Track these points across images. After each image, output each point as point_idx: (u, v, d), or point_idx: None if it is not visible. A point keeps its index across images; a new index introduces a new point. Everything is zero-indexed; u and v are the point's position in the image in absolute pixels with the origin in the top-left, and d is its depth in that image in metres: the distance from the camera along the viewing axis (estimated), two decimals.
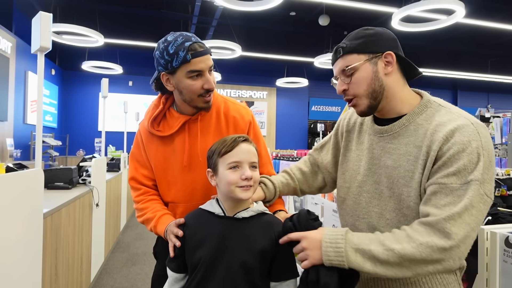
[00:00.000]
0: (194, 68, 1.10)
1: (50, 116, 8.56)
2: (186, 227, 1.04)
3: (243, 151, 0.99)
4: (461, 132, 0.82)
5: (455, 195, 0.79)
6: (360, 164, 1.02)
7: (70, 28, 5.69)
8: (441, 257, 0.77)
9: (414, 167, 0.87)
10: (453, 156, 0.80)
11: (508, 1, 7.05)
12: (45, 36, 1.77)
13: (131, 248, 4.27)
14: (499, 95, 13.73)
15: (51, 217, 1.98)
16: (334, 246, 0.83)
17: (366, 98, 0.94)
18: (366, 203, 0.97)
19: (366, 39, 0.94)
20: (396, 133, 0.93)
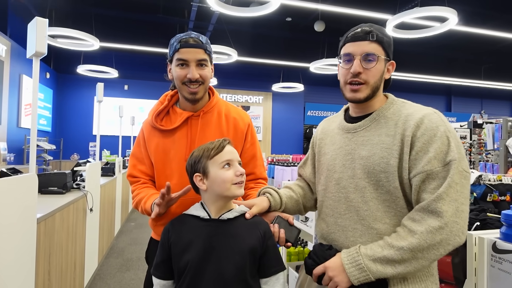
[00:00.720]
0: (181, 56, 1.22)
1: (44, 119, 8.51)
2: (171, 232, 1.05)
3: (230, 151, 1.05)
4: (429, 119, 0.94)
5: (440, 177, 0.88)
6: (335, 163, 1.08)
7: (66, 32, 5.69)
8: (443, 237, 0.85)
9: (388, 154, 0.96)
10: (428, 142, 0.91)
11: (500, 9, 7.17)
12: (40, 42, 1.78)
13: (125, 253, 4.25)
14: (492, 101, 13.91)
15: (45, 222, 1.98)
16: (355, 264, 0.90)
17: (370, 89, 1.01)
18: (345, 199, 1.03)
19: (390, 41, 1.03)
20: (369, 127, 1.03)
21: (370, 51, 0.99)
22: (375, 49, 0.99)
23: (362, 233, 0.98)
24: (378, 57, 0.99)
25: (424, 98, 13.05)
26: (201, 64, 1.24)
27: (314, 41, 8.90)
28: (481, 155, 6.06)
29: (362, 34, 1.00)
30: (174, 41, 1.25)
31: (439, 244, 0.85)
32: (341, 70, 1.06)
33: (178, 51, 1.22)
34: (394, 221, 0.96)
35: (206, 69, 1.26)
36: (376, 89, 1.02)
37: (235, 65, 9.01)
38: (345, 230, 1.03)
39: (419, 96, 12.96)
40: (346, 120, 1.11)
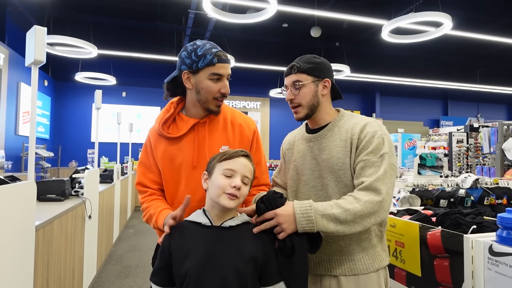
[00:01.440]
0: (217, 71, 1.24)
1: (42, 127, 8.51)
2: (172, 239, 1.05)
3: (240, 163, 1.05)
4: (369, 126, 1.19)
5: (375, 165, 1.11)
6: (303, 167, 1.29)
7: (64, 39, 5.72)
8: (377, 209, 1.06)
9: (343, 155, 1.18)
10: (368, 141, 1.15)
11: (494, 14, 7.27)
12: (39, 50, 1.79)
13: (124, 260, 4.23)
14: (488, 105, 14.00)
15: (43, 230, 1.97)
16: (306, 215, 1.04)
17: (306, 108, 1.26)
18: (315, 195, 1.24)
19: (315, 66, 1.25)
20: (326, 135, 1.26)
21: (295, 80, 1.24)
22: (299, 78, 1.23)
23: None
24: (303, 83, 1.23)
25: (421, 102, 13.12)
26: (228, 77, 1.30)
27: (311, 46, 8.96)
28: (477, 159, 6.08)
29: (288, 69, 1.27)
30: (205, 53, 1.23)
31: (374, 214, 1.05)
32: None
33: (215, 66, 1.23)
34: None
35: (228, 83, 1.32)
36: (313, 107, 1.25)
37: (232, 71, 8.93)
38: None
39: (415, 101, 13.03)
40: (308, 132, 1.33)
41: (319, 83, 1.25)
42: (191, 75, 1.27)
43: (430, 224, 1.43)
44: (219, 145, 1.30)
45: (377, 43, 7.73)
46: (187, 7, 6.80)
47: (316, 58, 1.27)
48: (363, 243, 1.17)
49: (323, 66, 1.26)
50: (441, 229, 1.28)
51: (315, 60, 1.26)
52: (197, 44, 1.26)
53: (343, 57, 8.41)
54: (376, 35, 7.47)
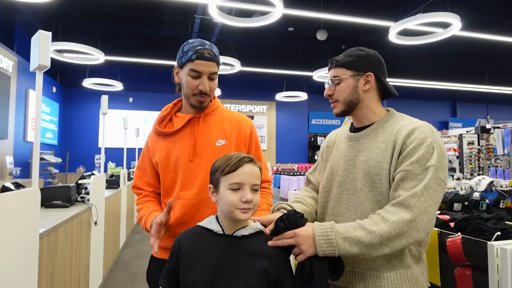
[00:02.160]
0: (195, 68, 1.25)
1: (50, 133, 8.57)
2: (182, 244, 1.01)
3: (246, 172, 0.97)
4: (419, 130, 1.04)
5: (418, 179, 0.98)
6: (338, 167, 1.20)
7: (71, 46, 5.76)
8: (409, 229, 0.94)
9: (382, 159, 1.07)
10: (414, 148, 1.01)
11: (502, 14, 7.15)
12: (44, 54, 1.77)
13: (130, 266, 4.19)
14: (497, 106, 13.78)
15: (48, 237, 1.94)
16: (326, 238, 0.96)
17: (342, 105, 1.18)
18: (346, 199, 1.14)
19: (356, 59, 1.16)
20: (369, 135, 1.15)
21: (334, 75, 1.18)
22: (337, 72, 1.17)
23: None
24: (341, 78, 1.16)
25: (429, 104, 12.97)
26: (212, 78, 1.29)
27: (317, 49, 8.92)
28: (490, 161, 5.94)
29: (330, 64, 1.21)
30: (189, 49, 1.26)
31: (403, 235, 0.93)
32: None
33: (193, 62, 1.25)
34: None
35: (215, 81, 1.31)
36: (352, 103, 1.16)
37: (239, 75, 9.05)
38: None
39: (424, 103, 12.88)
40: (351, 130, 1.24)
41: (360, 77, 1.15)
42: (179, 69, 1.32)
43: (448, 230, 1.37)
44: (215, 139, 1.31)
45: (383, 45, 7.66)
46: (193, 12, 6.81)
47: (360, 51, 1.17)
48: (393, 261, 1.04)
49: (367, 59, 1.15)
50: (462, 236, 1.21)
51: (357, 53, 1.17)
52: (189, 42, 1.29)
53: None
54: (382, 37, 7.40)
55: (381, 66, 1.18)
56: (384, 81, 1.17)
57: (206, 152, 1.28)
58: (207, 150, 1.28)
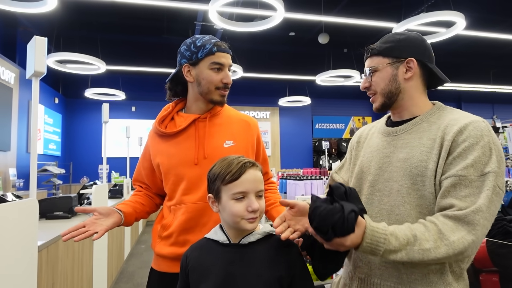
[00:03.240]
0: (218, 60, 1.20)
1: (53, 144, 8.55)
2: (189, 258, 0.95)
3: (249, 179, 0.89)
4: (474, 126, 0.88)
5: (473, 186, 0.83)
6: (370, 165, 1.05)
7: (73, 56, 5.77)
8: (467, 248, 0.81)
9: (427, 157, 0.91)
10: (468, 148, 0.86)
11: (507, 13, 7.07)
12: (39, 61, 1.72)
13: (135, 277, 4.10)
14: (504, 106, 13.62)
15: (47, 250, 1.87)
16: (374, 247, 0.83)
17: (381, 97, 1.04)
18: (378, 202, 1.00)
19: (394, 44, 1.02)
20: (410, 130, 1.00)
21: (369, 65, 1.06)
22: (373, 62, 1.04)
23: None
24: (376, 67, 1.03)
25: None
26: (229, 68, 1.26)
27: (319, 53, 8.87)
28: None
29: (365, 54, 1.09)
30: (204, 43, 1.21)
31: (460, 254, 0.81)
32: None
33: (214, 55, 1.20)
34: None
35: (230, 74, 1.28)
36: (391, 94, 1.02)
37: (241, 81, 9.00)
38: None
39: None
40: (387, 125, 1.10)
41: (399, 65, 1.00)
42: (191, 67, 1.24)
43: None
44: (222, 140, 1.24)
45: None
46: (193, 19, 6.81)
47: (399, 35, 1.03)
48: (431, 276, 0.90)
49: (407, 44, 1.01)
50: (487, 239, 1.12)
51: (395, 38, 1.03)
52: (196, 37, 1.24)
53: (353, 63, 8.28)
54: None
55: (426, 50, 1.03)
56: (431, 67, 1.02)
57: (213, 154, 1.20)
58: (214, 152, 1.21)
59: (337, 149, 11.15)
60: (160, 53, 8.70)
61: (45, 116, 7.96)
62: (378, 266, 0.96)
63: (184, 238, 1.17)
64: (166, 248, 1.19)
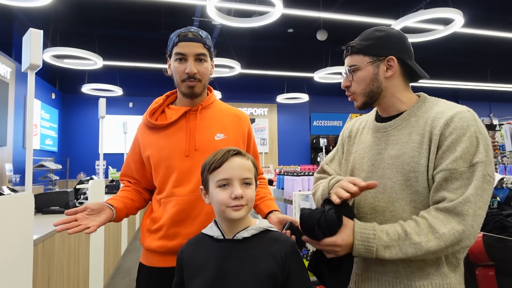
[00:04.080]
0: (179, 50, 1.19)
1: (50, 140, 8.51)
2: (184, 253, 0.94)
3: (233, 166, 0.89)
4: (460, 118, 0.90)
5: (464, 177, 0.85)
6: (363, 161, 1.05)
7: (69, 51, 5.72)
8: (459, 239, 0.83)
9: (419, 153, 0.93)
10: (455, 141, 0.87)
11: (505, 11, 7.08)
12: (35, 53, 1.70)
13: (132, 273, 4.10)
14: (500, 104, 13.68)
15: (43, 244, 1.86)
16: (366, 245, 0.87)
17: (362, 96, 1.03)
18: (373, 199, 1.00)
19: (374, 42, 1.00)
20: (399, 126, 1.00)
21: (348, 64, 1.03)
22: (353, 60, 1.02)
23: None
24: (357, 66, 1.01)
25: None
26: (200, 59, 1.21)
27: (317, 50, 8.86)
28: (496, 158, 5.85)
29: (344, 51, 1.06)
30: (174, 35, 1.22)
31: (453, 245, 0.84)
32: None
33: (177, 45, 1.20)
34: None
35: (204, 64, 1.23)
36: (372, 93, 1.01)
37: (239, 78, 8.98)
38: None
39: None
40: (377, 120, 1.09)
41: (380, 63, 0.99)
42: (169, 60, 1.27)
43: None
44: (214, 133, 1.23)
45: None
46: (191, 15, 6.77)
47: (378, 32, 1.01)
48: (427, 268, 0.91)
49: (387, 41, 0.99)
50: (483, 233, 1.13)
51: (375, 35, 1.00)
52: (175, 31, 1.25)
53: None
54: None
55: (405, 47, 1.02)
56: (410, 63, 1.01)
57: (204, 147, 1.20)
58: (206, 145, 1.20)
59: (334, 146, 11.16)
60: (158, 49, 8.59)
61: (42, 111, 7.91)
62: (375, 261, 0.96)
63: (175, 231, 1.15)
64: (156, 242, 1.17)
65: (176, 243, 1.14)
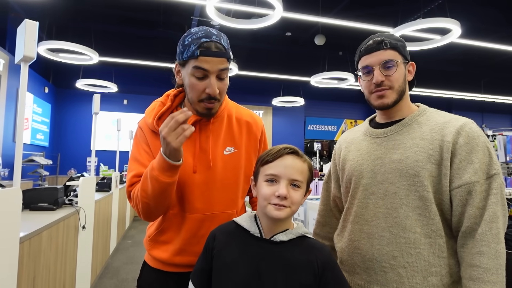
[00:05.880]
0: (201, 65, 1.00)
1: (41, 134, 8.38)
2: (216, 241, 0.90)
3: (285, 164, 0.87)
4: (469, 128, 0.93)
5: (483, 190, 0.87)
6: (362, 168, 1.04)
7: (64, 45, 5.64)
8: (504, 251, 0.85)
9: (423, 158, 0.92)
10: (471, 151, 0.89)
11: (501, 24, 7.17)
12: (29, 45, 1.65)
13: (120, 273, 4.03)
14: (493, 115, 13.86)
15: (29, 242, 1.81)
16: None
17: (396, 93, 1.01)
18: (373, 205, 0.99)
19: (404, 44, 1.03)
20: (401, 131, 1.00)
21: (387, 58, 1.00)
22: (391, 55, 1.00)
23: (389, 241, 0.94)
24: (397, 62, 1.00)
25: None
26: (221, 77, 1.04)
27: (315, 55, 8.88)
28: None
29: (375, 44, 1.01)
30: (191, 42, 1.01)
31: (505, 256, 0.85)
32: (363, 83, 1.06)
33: (197, 59, 1.00)
34: (425, 230, 0.90)
35: (225, 80, 1.07)
36: (402, 93, 1.02)
37: (235, 79, 8.95)
38: (370, 237, 0.96)
39: None
40: (373, 127, 1.09)
41: (406, 65, 1.04)
42: (181, 67, 1.06)
43: None
44: (223, 147, 1.11)
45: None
46: (190, 14, 6.73)
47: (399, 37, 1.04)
48: (431, 279, 0.89)
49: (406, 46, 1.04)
50: None
51: (400, 38, 1.04)
52: (190, 32, 1.04)
53: (348, 66, 8.31)
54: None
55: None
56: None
57: (213, 163, 1.08)
58: (215, 160, 1.09)
59: (328, 151, 11.19)
60: (155, 47, 8.59)
61: (34, 105, 7.79)
62: (377, 272, 0.94)
63: (183, 248, 1.07)
64: (162, 253, 1.09)
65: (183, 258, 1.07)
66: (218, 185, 1.08)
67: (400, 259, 0.91)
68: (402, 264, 0.91)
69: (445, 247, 0.91)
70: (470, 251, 0.86)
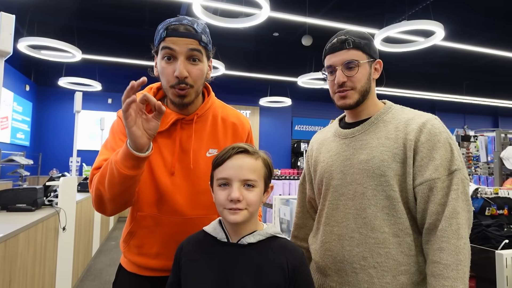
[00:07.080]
0: (166, 45, 0.95)
1: (22, 133, 8.14)
2: (183, 252, 0.86)
3: (234, 165, 0.82)
4: (431, 124, 0.93)
5: (444, 186, 0.88)
6: (332, 169, 1.04)
7: (46, 42, 5.49)
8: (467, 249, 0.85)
9: (389, 157, 0.93)
10: (433, 148, 0.90)
11: (482, 28, 7.36)
12: (5, 39, 1.59)
13: (103, 275, 3.94)
14: (474, 116, 14.24)
15: (5, 244, 1.73)
16: None
17: (358, 94, 1.00)
18: (343, 206, 0.99)
19: (369, 42, 1.01)
20: (367, 131, 1.00)
21: (349, 58, 0.99)
22: (354, 55, 0.99)
23: (359, 242, 0.94)
24: (359, 62, 0.99)
25: None
26: (193, 58, 0.97)
27: (302, 55, 8.92)
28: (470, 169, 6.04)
29: (339, 44, 1.00)
30: (161, 27, 0.98)
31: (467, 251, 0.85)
32: (328, 82, 1.06)
33: (165, 40, 0.95)
34: (393, 229, 0.91)
35: (198, 65, 0.98)
36: (366, 93, 1.02)
37: (222, 79, 8.90)
38: (341, 239, 0.96)
39: None
40: (342, 127, 1.09)
41: (372, 64, 1.02)
42: (156, 57, 1.02)
43: None
44: (205, 148, 1.05)
45: None
46: (176, 12, 6.66)
47: (366, 34, 1.02)
48: (401, 278, 0.89)
49: (374, 45, 1.02)
50: None
51: (366, 35, 1.01)
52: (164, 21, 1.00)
53: None
54: None
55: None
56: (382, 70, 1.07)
57: (194, 165, 1.03)
58: (197, 163, 1.03)
59: None
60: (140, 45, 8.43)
61: (14, 103, 7.55)
62: (348, 273, 0.93)
63: (160, 252, 1.03)
64: (136, 257, 1.05)
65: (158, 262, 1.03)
66: (199, 188, 1.03)
67: (370, 260, 0.91)
68: (372, 265, 0.91)
69: (413, 245, 0.91)
70: (432, 247, 0.87)
